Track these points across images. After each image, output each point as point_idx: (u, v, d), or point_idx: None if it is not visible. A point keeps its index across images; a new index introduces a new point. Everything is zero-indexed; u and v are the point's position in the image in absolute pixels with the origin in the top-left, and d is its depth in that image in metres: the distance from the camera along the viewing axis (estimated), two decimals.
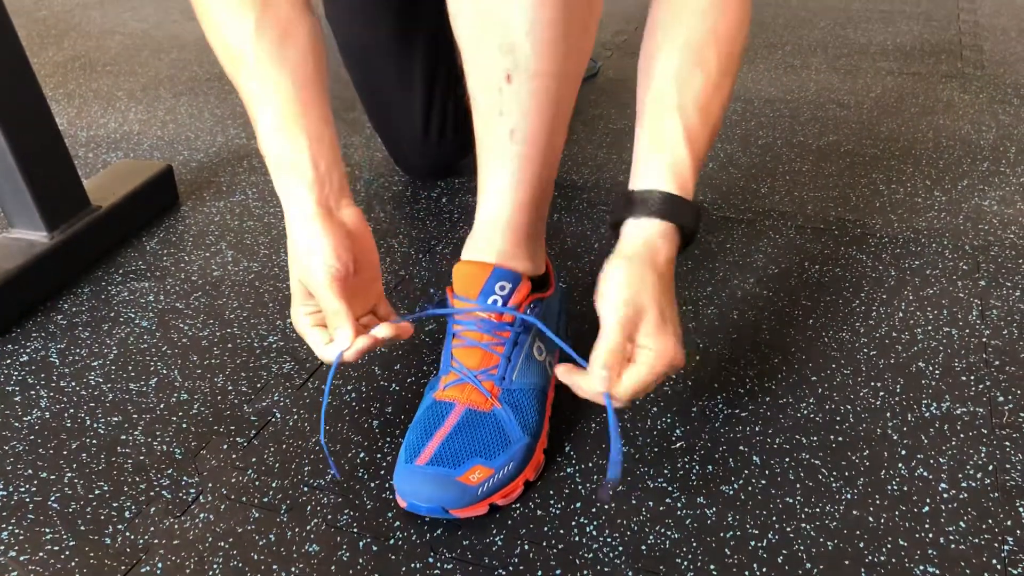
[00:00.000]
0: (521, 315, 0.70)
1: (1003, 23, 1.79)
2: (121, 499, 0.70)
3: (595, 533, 0.66)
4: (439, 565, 0.64)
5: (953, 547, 0.64)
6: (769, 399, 0.79)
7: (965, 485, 0.70)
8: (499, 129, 0.66)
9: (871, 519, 0.67)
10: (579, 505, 0.69)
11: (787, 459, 0.72)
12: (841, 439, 0.74)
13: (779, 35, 1.76)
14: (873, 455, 0.73)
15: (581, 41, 0.66)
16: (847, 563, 0.63)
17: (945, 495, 0.69)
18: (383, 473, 0.72)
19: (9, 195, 0.95)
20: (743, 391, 0.80)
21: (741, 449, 0.74)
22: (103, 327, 0.91)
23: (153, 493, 0.70)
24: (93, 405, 0.80)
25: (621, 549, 0.65)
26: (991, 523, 0.66)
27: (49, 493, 0.71)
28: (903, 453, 0.73)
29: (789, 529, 0.66)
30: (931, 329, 0.87)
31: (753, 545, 0.65)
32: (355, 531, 0.67)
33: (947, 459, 0.72)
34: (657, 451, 0.73)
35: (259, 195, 1.17)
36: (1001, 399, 0.78)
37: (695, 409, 0.78)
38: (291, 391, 0.81)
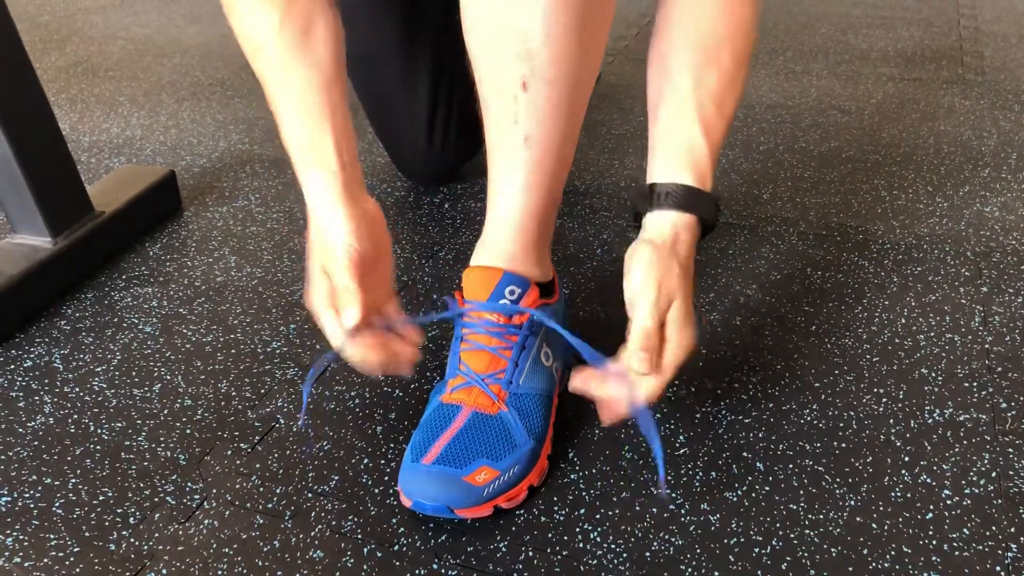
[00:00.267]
0: (536, 313, 0.71)
1: (1003, 29, 1.80)
2: (125, 505, 0.70)
3: (599, 539, 0.66)
4: (443, 571, 0.64)
5: (957, 554, 0.64)
6: (772, 405, 0.79)
7: (968, 492, 0.70)
8: (513, 136, 0.67)
9: (874, 525, 0.67)
10: (583, 511, 0.69)
11: (790, 465, 0.73)
12: (844, 445, 0.74)
13: (780, 40, 1.77)
14: (876, 461, 0.73)
15: (595, 48, 0.67)
16: (851, 570, 0.63)
17: (948, 501, 0.69)
18: (387, 479, 0.72)
19: (13, 200, 0.95)
20: (746, 397, 0.80)
21: (745, 455, 0.74)
22: (106, 332, 0.91)
23: (157, 499, 0.70)
24: (97, 411, 0.80)
25: (625, 556, 0.65)
26: (994, 530, 0.66)
27: (53, 499, 0.71)
28: (906, 459, 0.73)
29: (793, 535, 0.66)
30: (933, 335, 0.88)
31: (757, 552, 0.65)
32: (359, 537, 0.67)
33: (950, 465, 0.72)
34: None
35: (262, 200, 1.17)
36: (1004, 405, 0.78)
37: (698, 415, 0.78)
38: (295, 397, 0.81)
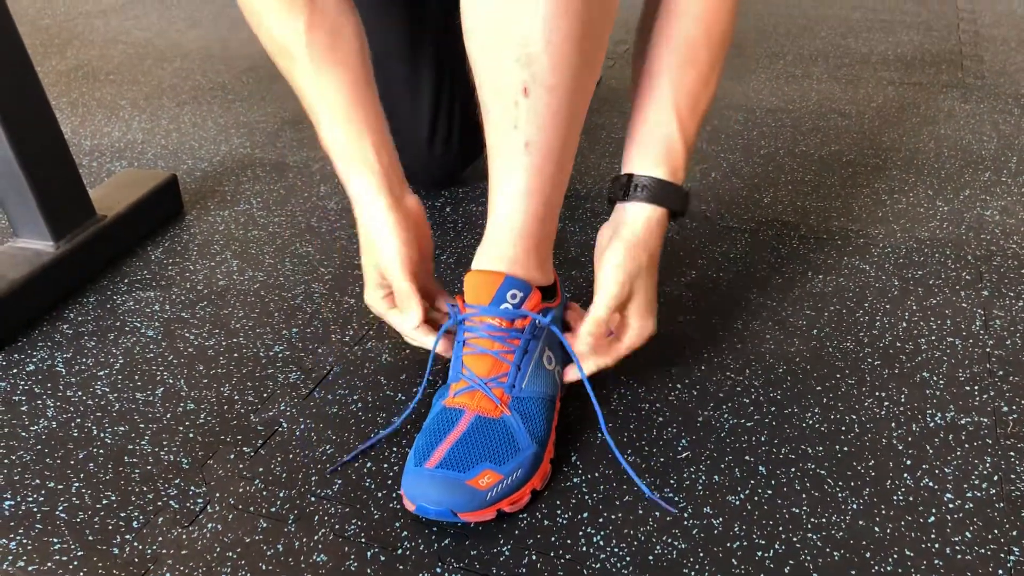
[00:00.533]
0: (538, 316, 0.71)
1: (1003, 33, 1.80)
2: (129, 509, 0.70)
3: (602, 543, 0.66)
4: (447, 575, 0.64)
5: (959, 557, 0.65)
6: (774, 409, 0.79)
7: (970, 495, 0.70)
8: (514, 141, 0.67)
9: (877, 529, 0.67)
10: (586, 515, 0.69)
11: (793, 469, 0.73)
12: (846, 449, 0.75)
13: (780, 44, 1.77)
14: (878, 465, 0.73)
15: (595, 54, 0.67)
16: (853, 573, 0.63)
17: (951, 505, 0.69)
18: (390, 483, 0.72)
19: (15, 204, 0.96)
20: (748, 401, 0.80)
21: (747, 459, 0.74)
22: (109, 336, 0.91)
23: (161, 503, 0.70)
24: (100, 415, 0.80)
25: (628, 559, 0.65)
26: (997, 533, 0.66)
27: (57, 503, 0.71)
28: (908, 463, 0.73)
29: (795, 539, 0.66)
30: (935, 339, 0.88)
31: (760, 555, 0.65)
32: (363, 541, 0.67)
33: (952, 469, 0.72)
34: (663, 461, 0.74)
35: (263, 204, 1.17)
36: (1005, 409, 0.79)
37: (700, 419, 0.78)
38: (297, 400, 0.81)
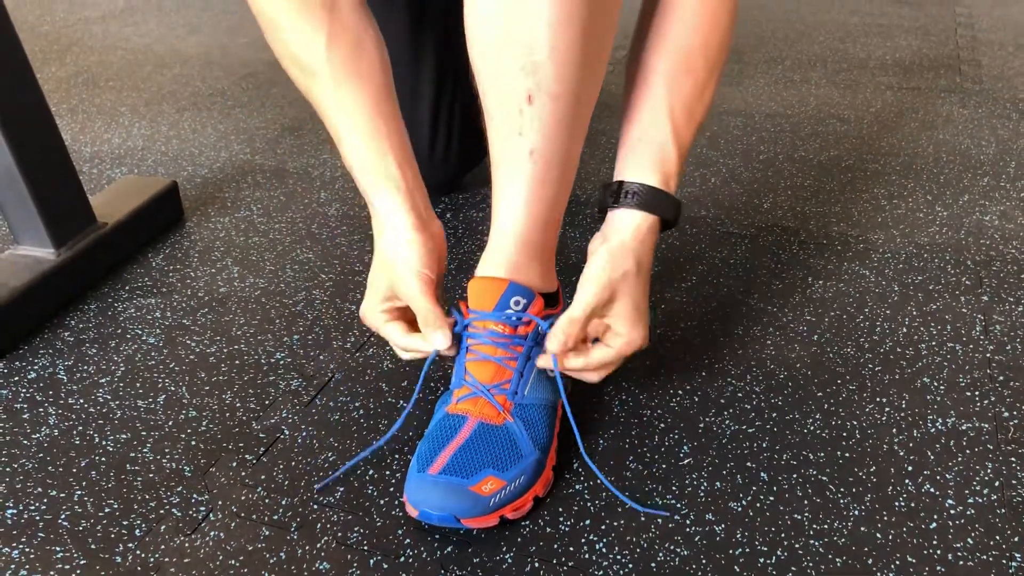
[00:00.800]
0: (539, 320, 0.71)
1: (1000, 38, 1.80)
2: (131, 517, 0.70)
3: (604, 550, 0.66)
4: None
5: (961, 563, 0.65)
6: (776, 415, 0.79)
7: (972, 501, 0.70)
8: (518, 149, 0.67)
9: (879, 535, 0.67)
10: (588, 522, 0.69)
11: (794, 475, 0.73)
12: (848, 455, 0.75)
13: (778, 49, 1.78)
14: (880, 471, 0.73)
15: (599, 62, 0.67)
16: None
17: (952, 511, 0.69)
18: (392, 490, 0.72)
19: (16, 212, 0.96)
20: (749, 407, 0.80)
21: (748, 465, 0.74)
22: (110, 344, 0.91)
23: (163, 511, 0.70)
24: (102, 422, 0.80)
25: (631, 567, 0.65)
26: (998, 539, 0.67)
27: (59, 511, 0.71)
28: (909, 469, 0.73)
29: (798, 546, 0.66)
30: (935, 344, 0.88)
31: (762, 562, 0.65)
32: (365, 548, 0.67)
33: (953, 475, 0.72)
34: (665, 468, 0.74)
35: (264, 211, 1.17)
36: (1006, 414, 0.79)
37: (702, 426, 0.78)
38: (299, 408, 0.81)
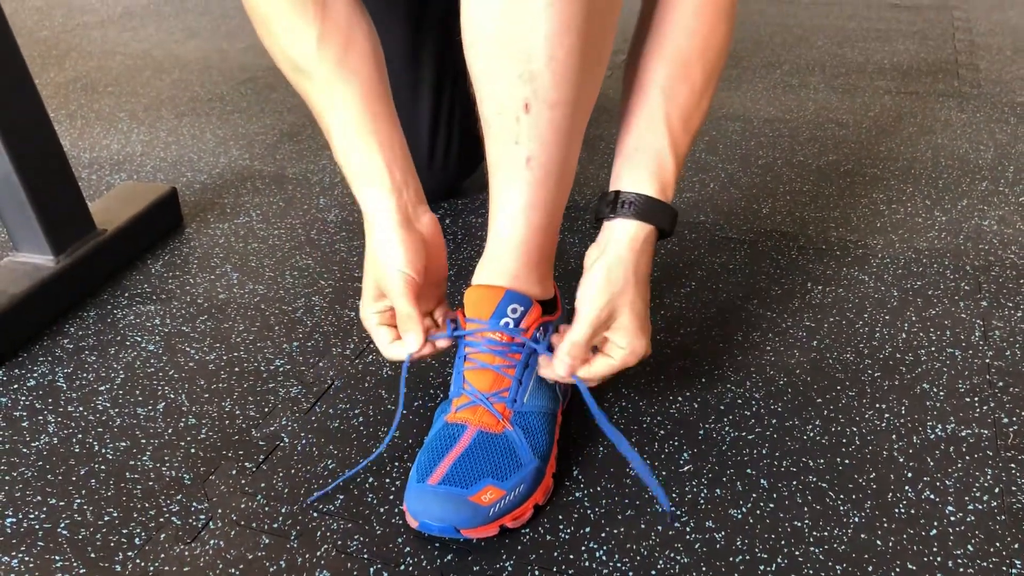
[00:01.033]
0: (529, 340, 0.71)
1: (998, 42, 1.81)
2: (131, 525, 0.70)
3: (605, 558, 0.66)
4: None
5: (961, 570, 0.65)
6: (775, 421, 0.79)
7: (972, 508, 0.70)
8: (515, 157, 0.67)
9: (879, 542, 0.67)
10: (588, 530, 0.69)
11: (794, 482, 0.73)
12: (848, 461, 0.75)
13: (777, 54, 1.78)
14: (880, 477, 0.73)
15: (597, 69, 0.67)
16: None
17: (952, 518, 0.69)
18: (392, 498, 0.72)
19: (15, 218, 0.96)
20: (749, 414, 0.80)
21: (748, 472, 0.74)
22: (110, 351, 0.91)
23: (163, 519, 0.70)
24: (101, 430, 0.80)
25: (631, 574, 0.65)
26: (998, 546, 0.67)
27: (58, 520, 0.71)
28: (909, 475, 0.73)
29: (798, 553, 0.66)
30: (934, 350, 0.88)
31: (762, 569, 0.65)
32: (365, 557, 0.67)
33: (953, 481, 0.72)
34: (665, 475, 0.74)
35: (263, 217, 1.17)
36: (1006, 420, 0.79)
37: (701, 432, 0.78)
38: (299, 415, 0.81)
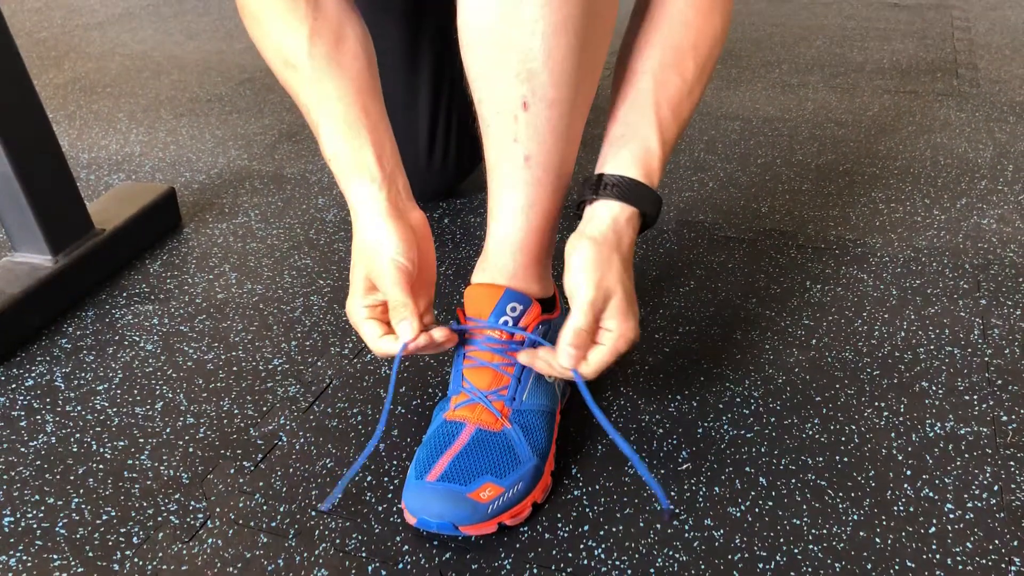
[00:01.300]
0: (532, 335, 0.71)
1: (997, 41, 1.81)
2: (129, 524, 0.70)
3: (603, 556, 0.66)
4: None
5: (960, 568, 0.65)
6: (774, 420, 0.79)
7: (971, 505, 0.70)
8: (514, 156, 0.67)
9: (878, 540, 0.67)
10: (587, 528, 0.69)
11: (793, 480, 0.73)
12: (846, 459, 0.75)
13: (776, 54, 1.78)
14: (878, 475, 0.73)
15: (595, 67, 0.67)
16: None
17: (951, 515, 0.69)
18: (390, 496, 0.72)
19: (13, 218, 0.96)
20: (748, 412, 0.80)
21: (747, 470, 0.74)
22: (108, 351, 0.91)
23: (161, 518, 0.70)
24: (99, 430, 0.80)
25: (630, 572, 0.65)
26: (997, 543, 0.66)
27: (56, 519, 0.70)
28: (908, 473, 0.73)
29: (797, 551, 0.66)
30: (933, 348, 0.88)
31: (761, 567, 0.65)
32: (363, 555, 0.67)
33: (952, 479, 0.72)
34: (664, 473, 0.74)
35: (262, 217, 1.17)
36: (1005, 418, 0.79)
37: (700, 431, 0.78)
38: (297, 414, 0.81)
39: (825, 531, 0.68)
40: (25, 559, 0.67)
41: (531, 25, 0.62)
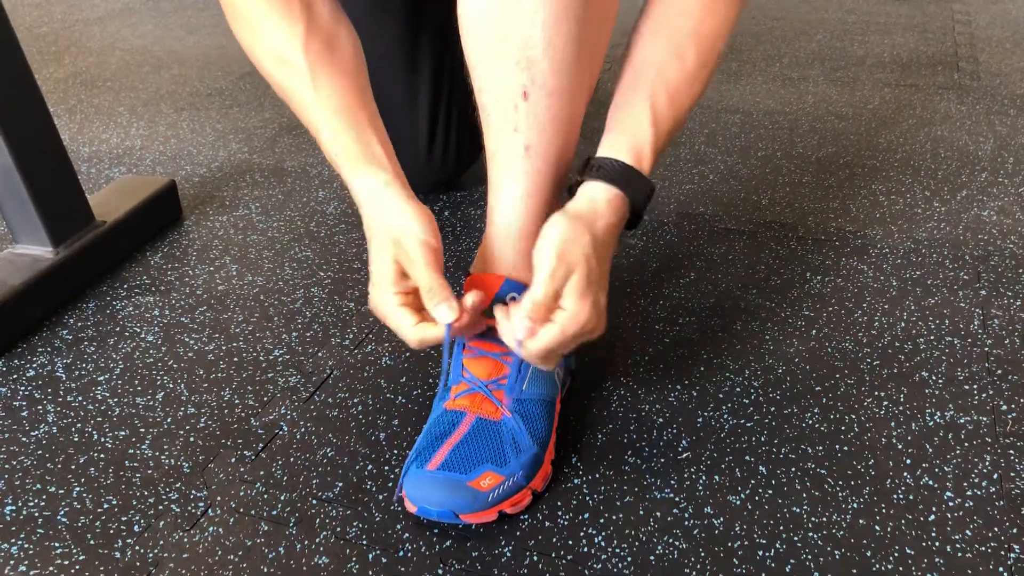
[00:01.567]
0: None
1: (998, 34, 1.81)
2: (130, 513, 0.70)
3: (603, 544, 0.66)
4: None
5: (960, 555, 0.65)
6: (774, 409, 0.79)
7: (970, 493, 0.70)
8: (514, 145, 0.67)
9: (878, 528, 0.67)
10: (587, 516, 0.69)
11: (793, 469, 0.73)
12: (846, 448, 0.75)
13: (776, 47, 1.78)
14: (878, 464, 0.73)
15: (595, 56, 0.67)
16: (855, 572, 0.64)
17: (951, 503, 0.69)
18: (391, 485, 0.72)
19: (15, 211, 0.96)
20: (748, 401, 0.80)
21: (747, 459, 0.74)
22: (109, 342, 0.91)
23: (162, 507, 0.70)
24: (100, 419, 0.80)
25: (630, 560, 0.65)
26: (996, 531, 0.67)
27: (58, 508, 0.71)
28: (908, 462, 0.73)
29: (796, 539, 0.66)
30: (933, 339, 0.88)
31: (761, 555, 0.65)
32: (364, 543, 0.67)
33: (952, 468, 0.72)
34: (664, 462, 0.74)
35: (262, 209, 1.17)
36: (1004, 408, 0.79)
37: (700, 420, 0.78)
38: (298, 404, 0.81)
39: (825, 519, 0.68)
40: (27, 547, 0.67)
41: (532, 14, 0.62)
